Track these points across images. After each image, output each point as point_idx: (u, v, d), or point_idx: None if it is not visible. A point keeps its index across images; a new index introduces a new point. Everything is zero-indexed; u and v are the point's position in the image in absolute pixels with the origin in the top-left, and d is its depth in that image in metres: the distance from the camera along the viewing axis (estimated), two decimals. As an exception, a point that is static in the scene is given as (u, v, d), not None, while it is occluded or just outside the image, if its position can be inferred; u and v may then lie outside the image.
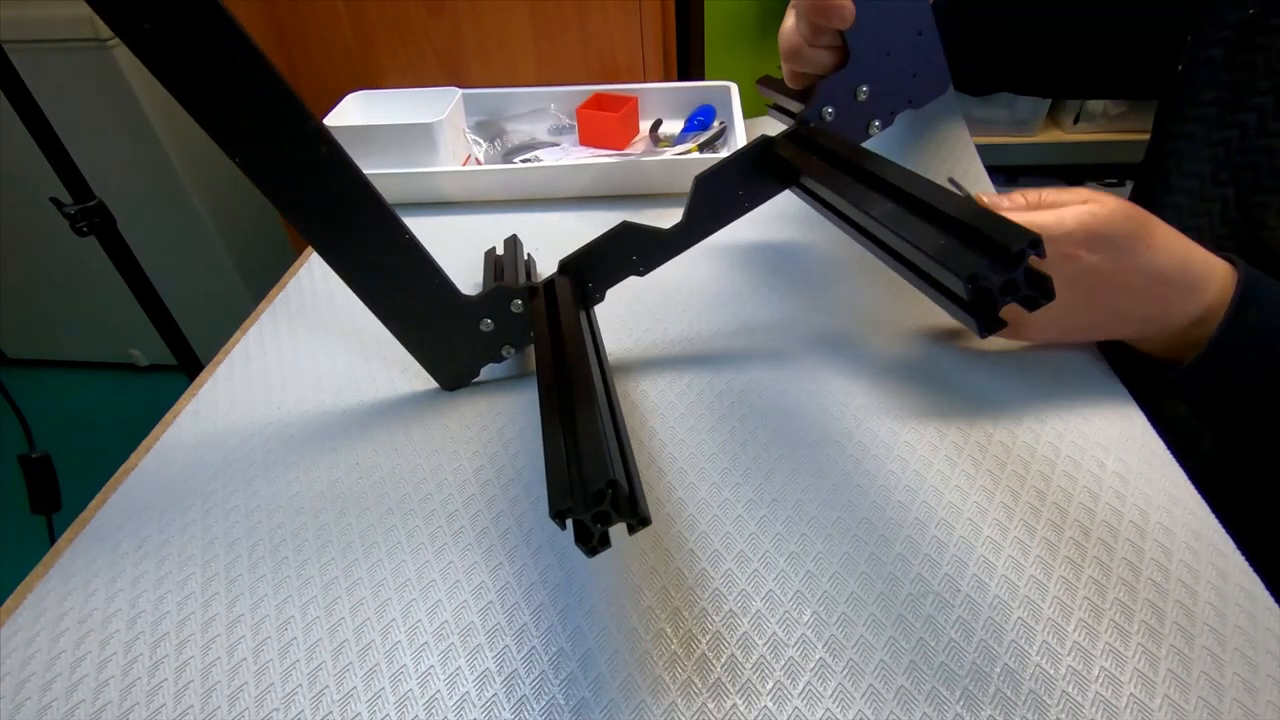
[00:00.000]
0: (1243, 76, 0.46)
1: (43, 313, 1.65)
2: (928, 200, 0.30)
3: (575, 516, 0.25)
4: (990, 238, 0.26)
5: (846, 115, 0.44)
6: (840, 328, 0.51)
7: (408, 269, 0.41)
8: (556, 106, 0.78)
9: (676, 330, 0.52)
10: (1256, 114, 0.46)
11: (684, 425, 0.44)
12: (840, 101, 0.43)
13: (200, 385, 0.50)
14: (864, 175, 0.35)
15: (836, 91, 0.43)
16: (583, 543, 0.26)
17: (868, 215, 0.32)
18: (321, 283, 0.60)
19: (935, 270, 0.28)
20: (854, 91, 0.43)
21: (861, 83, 0.43)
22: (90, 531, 0.40)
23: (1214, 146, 0.48)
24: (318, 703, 0.32)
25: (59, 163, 0.83)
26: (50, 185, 0.84)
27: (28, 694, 0.33)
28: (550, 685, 0.32)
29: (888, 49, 0.42)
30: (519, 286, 0.45)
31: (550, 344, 0.38)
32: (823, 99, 0.43)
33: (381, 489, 0.41)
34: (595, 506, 0.25)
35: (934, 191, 0.30)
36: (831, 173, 0.37)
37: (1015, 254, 0.25)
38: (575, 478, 0.26)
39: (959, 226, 0.28)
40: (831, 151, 0.39)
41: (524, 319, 0.46)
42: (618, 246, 0.44)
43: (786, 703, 0.31)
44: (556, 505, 0.25)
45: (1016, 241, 0.25)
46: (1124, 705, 0.29)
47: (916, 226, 0.29)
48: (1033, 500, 0.38)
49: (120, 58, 1.23)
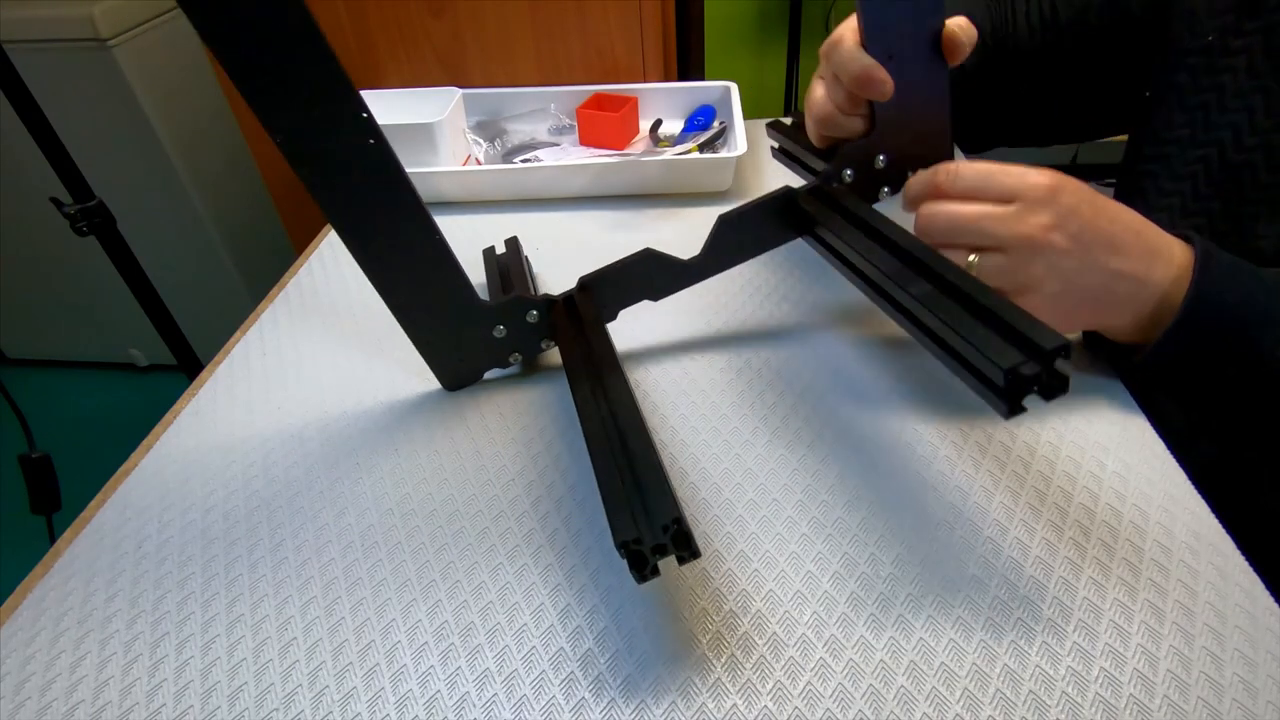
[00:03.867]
0: (1212, 98, 0.49)
1: (43, 313, 1.65)
2: (962, 286, 0.33)
3: (639, 549, 0.28)
4: (1026, 335, 0.29)
5: (864, 179, 0.47)
6: (838, 330, 0.51)
7: (433, 268, 0.41)
8: (556, 106, 0.78)
9: (676, 324, 0.52)
10: (1232, 131, 0.48)
11: (685, 425, 0.44)
12: (860, 166, 0.46)
13: (200, 385, 0.50)
14: (891, 245, 0.38)
15: (858, 156, 0.46)
16: (636, 570, 0.28)
17: (902, 289, 0.35)
18: (322, 283, 0.60)
19: (970, 354, 0.31)
20: (873, 160, 0.46)
21: (881, 152, 0.46)
22: (90, 531, 0.40)
23: (1192, 164, 0.50)
24: (318, 703, 0.32)
25: (59, 163, 0.83)
26: (50, 185, 0.84)
27: (28, 694, 0.33)
28: (550, 685, 0.32)
29: (908, 123, 0.45)
30: (537, 298, 0.45)
31: (585, 367, 0.39)
32: (846, 162, 0.46)
33: (381, 489, 0.41)
34: (658, 540, 0.28)
35: (965, 278, 0.34)
36: (857, 236, 0.41)
37: (1050, 352, 0.28)
38: (639, 511, 0.29)
39: (992, 317, 0.31)
40: (856, 216, 0.42)
41: (537, 330, 0.46)
42: (638, 271, 0.46)
43: (786, 703, 0.31)
44: (621, 536, 0.28)
45: (1050, 341, 0.28)
46: (1123, 706, 0.29)
47: (953, 311, 0.33)
48: (1032, 500, 0.38)
49: (120, 58, 1.23)
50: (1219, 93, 0.49)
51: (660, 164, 0.67)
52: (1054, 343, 0.28)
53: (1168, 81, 0.52)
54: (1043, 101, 0.62)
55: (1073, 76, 0.60)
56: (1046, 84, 0.61)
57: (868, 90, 0.42)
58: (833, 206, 0.44)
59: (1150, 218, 0.51)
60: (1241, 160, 0.48)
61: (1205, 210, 0.50)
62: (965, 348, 0.31)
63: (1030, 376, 0.29)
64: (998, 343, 0.30)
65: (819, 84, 0.46)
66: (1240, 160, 0.48)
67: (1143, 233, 0.40)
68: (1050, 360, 0.29)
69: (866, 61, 0.41)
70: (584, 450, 0.43)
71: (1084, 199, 0.39)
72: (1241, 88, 0.47)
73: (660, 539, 0.28)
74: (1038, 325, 0.29)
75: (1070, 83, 0.60)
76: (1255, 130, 0.47)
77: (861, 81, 0.42)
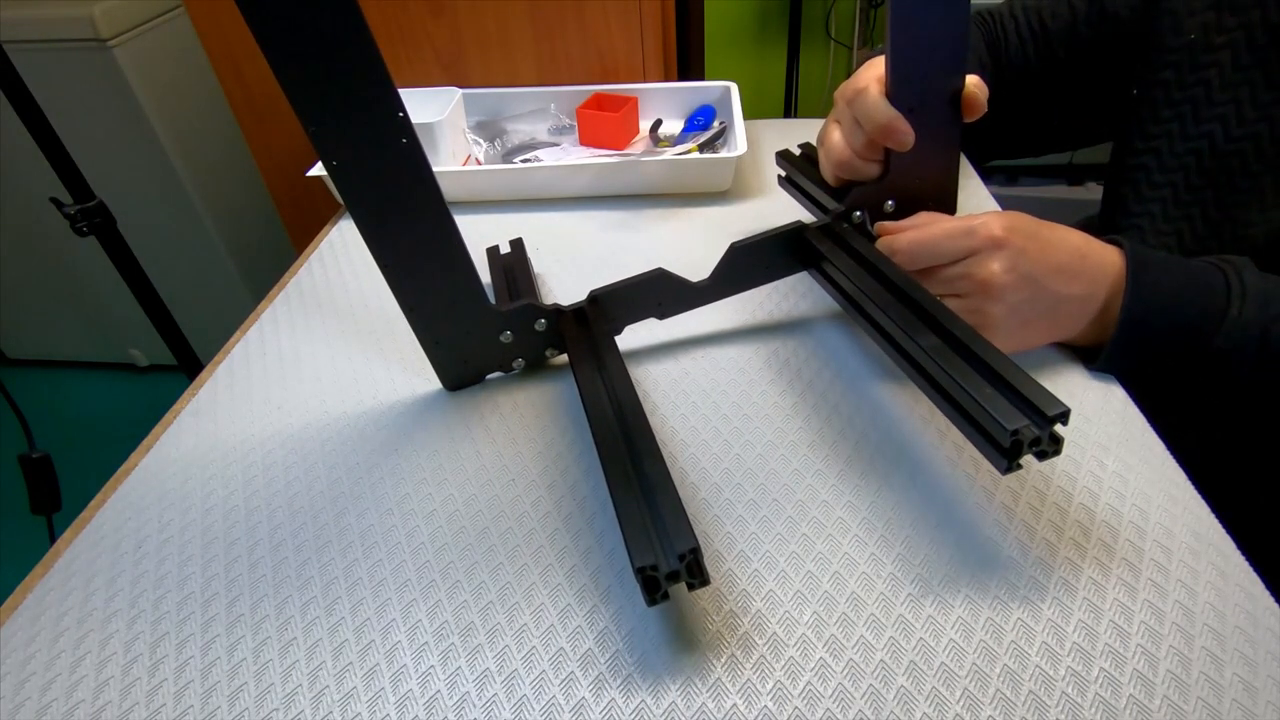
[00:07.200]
0: (1199, 93, 0.51)
1: (43, 313, 1.65)
2: (970, 345, 0.35)
3: (655, 575, 0.29)
4: (1030, 399, 0.31)
5: (872, 221, 0.49)
6: (838, 330, 0.51)
7: (450, 270, 0.42)
8: (556, 106, 0.78)
9: (676, 324, 0.52)
10: (1221, 124, 0.50)
11: (685, 425, 0.44)
12: (870, 208, 0.49)
13: (200, 385, 0.50)
14: (899, 292, 0.40)
15: (869, 199, 0.48)
16: (649, 593, 0.29)
17: (910, 339, 0.37)
18: (322, 283, 0.60)
19: (975, 411, 0.33)
20: (883, 203, 0.49)
21: (890, 197, 0.49)
22: (90, 531, 0.40)
23: (1183, 157, 0.52)
24: (318, 703, 0.32)
25: (59, 163, 0.83)
26: (50, 185, 0.84)
27: (28, 694, 0.33)
28: (550, 685, 0.32)
29: (920, 172, 0.48)
30: (547, 307, 0.46)
31: (599, 385, 0.39)
32: (857, 203, 0.48)
33: (381, 489, 0.41)
34: (674, 567, 0.29)
35: (973, 336, 0.35)
36: (865, 279, 0.42)
37: (1053, 417, 0.30)
38: (658, 539, 0.30)
39: (997, 378, 0.33)
40: (865, 258, 0.44)
41: (544, 338, 0.47)
42: (648, 290, 0.47)
43: (786, 703, 0.31)
44: (639, 562, 0.29)
45: (1052, 408, 0.30)
46: (1123, 706, 0.29)
47: (961, 368, 0.34)
48: (1033, 500, 0.38)
49: (120, 58, 1.23)
50: (1205, 87, 0.50)
51: (660, 164, 0.67)
52: (1056, 409, 0.30)
53: (1154, 79, 0.53)
54: (1041, 112, 0.64)
55: (1068, 84, 0.61)
56: (1043, 94, 0.62)
57: (889, 140, 0.45)
58: (842, 246, 0.46)
59: (1142, 210, 0.53)
60: (1231, 151, 0.49)
61: (1198, 200, 0.52)
62: (971, 405, 0.33)
63: (1032, 440, 0.30)
64: (1004, 404, 0.31)
65: (835, 128, 0.48)
66: (1229, 151, 0.50)
67: (1083, 251, 0.43)
68: (1052, 425, 0.30)
69: (891, 113, 0.43)
70: (584, 451, 0.43)
71: (1029, 235, 0.41)
72: (1227, 81, 0.49)
73: (676, 567, 0.29)
74: (1041, 391, 0.31)
75: (1065, 91, 0.62)
76: (1242, 121, 0.49)
77: (885, 132, 0.44)
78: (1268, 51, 0.48)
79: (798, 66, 1.87)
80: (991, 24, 0.62)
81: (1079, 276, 0.42)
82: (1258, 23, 0.48)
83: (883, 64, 0.44)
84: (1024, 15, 0.60)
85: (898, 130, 0.44)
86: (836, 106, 0.49)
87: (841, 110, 0.48)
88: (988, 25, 0.62)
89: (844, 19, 1.90)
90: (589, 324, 0.45)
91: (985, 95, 0.45)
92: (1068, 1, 0.58)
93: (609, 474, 0.34)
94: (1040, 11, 0.60)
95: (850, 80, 0.47)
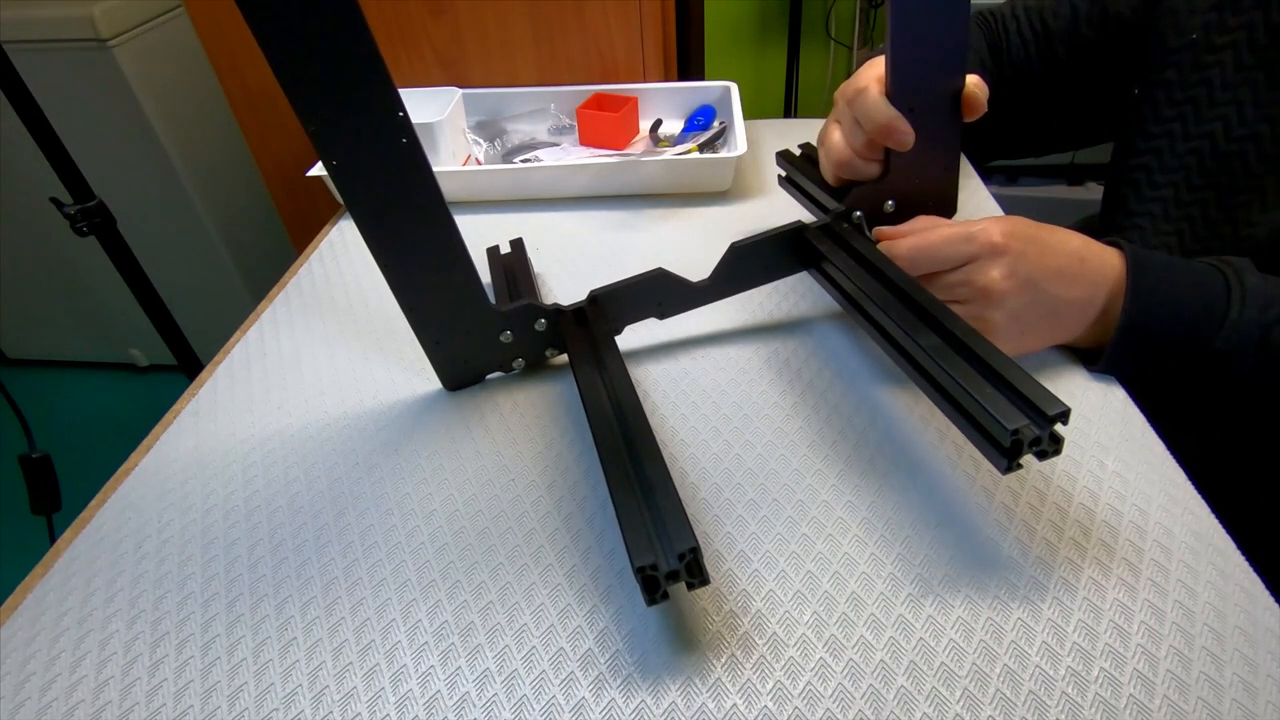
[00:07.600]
0: (1201, 93, 0.51)
1: (43, 313, 1.65)
2: (971, 345, 0.35)
3: (655, 575, 0.29)
4: (1030, 399, 0.31)
5: (872, 221, 0.49)
6: (839, 331, 0.51)
7: (450, 269, 0.42)
8: (556, 106, 0.78)
9: (676, 323, 0.52)
10: (1222, 123, 0.50)
11: (685, 425, 0.44)
12: (869, 208, 0.48)
13: (200, 385, 0.50)
14: (899, 292, 0.40)
15: (869, 199, 0.48)
16: (649, 593, 0.29)
17: (911, 339, 0.37)
18: (322, 283, 0.60)
19: (976, 411, 0.33)
20: (883, 203, 0.49)
21: (890, 196, 0.49)
22: (90, 531, 0.40)
23: (1184, 157, 0.52)
24: (318, 703, 0.32)
25: (59, 163, 0.82)
26: (50, 185, 0.84)
27: (28, 694, 0.33)
28: (550, 685, 0.32)
29: (920, 171, 0.48)
30: (547, 307, 0.46)
31: (599, 385, 0.39)
32: (857, 203, 0.48)
33: (381, 488, 0.41)
34: (673, 567, 0.29)
35: (974, 336, 0.35)
36: (865, 278, 0.42)
37: (1053, 417, 0.30)
38: (657, 539, 0.30)
39: (998, 378, 0.33)
40: (865, 258, 0.43)
41: (544, 338, 0.47)
42: (649, 289, 0.47)
43: (786, 703, 0.31)
44: (639, 562, 0.29)
45: (1052, 408, 0.30)
46: (1123, 706, 0.29)
47: (962, 368, 0.34)
48: (1033, 500, 0.38)
49: (120, 58, 1.23)
50: (1207, 87, 0.50)
51: (660, 164, 0.67)
52: (1056, 409, 0.30)
53: (1156, 79, 0.53)
54: (1042, 112, 0.64)
55: (1069, 84, 0.61)
56: (1044, 94, 0.62)
57: (889, 140, 0.45)
58: (842, 245, 0.46)
59: (1142, 210, 0.53)
60: (1232, 151, 0.49)
61: (1199, 200, 0.52)
62: (972, 404, 0.33)
63: (1032, 439, 0.31)
64: (1004, 404, 0.31)
65: (835, 128, 0.48)
66: (1231, 151, 0.50)
67: (1083, 254, 0.42)
68: (1052, 425, 0.30)
69: (891, 113, 0.44)
70: (584, 451, 0.43)
71: (1028, 240, 0.41)
72: (1229, 81, 0.49)
73: (675, 566, 0.29)
74: (1041, 390, 0.31)
75: (1066, 91, 0.62)
76: (1244, 121, 0.49)
77: (885, 131, 0.44)
78: (1269, 51, 0.48)
79: (798, 66, 1.87)
80: (992, 24, 0.62)
81: (1079, 280, 0.42)
82: (1260, 23, 0.48)
83: (883, 64, 0.44)
84: (1025, 15, 0.60)
85: (898, 130, 0.44)
86: (837, 106, 0.49)
87: (841, 110, 0.48)
88: (988, 25, 0.62)
89: (844, 19, 1.90)
90: (589, 324, 0.45)
91: (985, 95, 0.45)
92: (1069, 1, 0.58)
93: (609, 474, 0.34)
94: (1041, 11, 0.60)
95: (850, 80, 0.47)
